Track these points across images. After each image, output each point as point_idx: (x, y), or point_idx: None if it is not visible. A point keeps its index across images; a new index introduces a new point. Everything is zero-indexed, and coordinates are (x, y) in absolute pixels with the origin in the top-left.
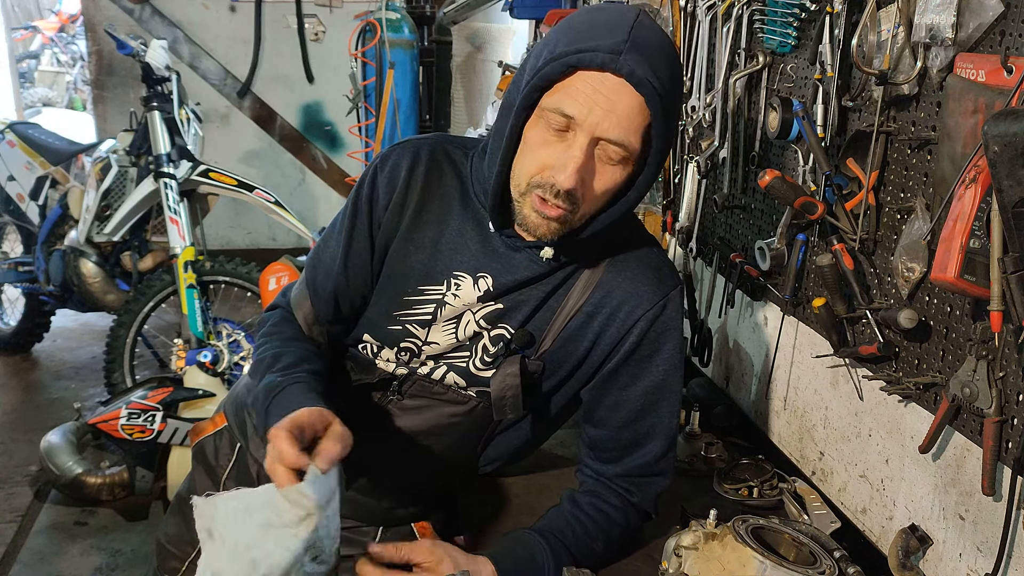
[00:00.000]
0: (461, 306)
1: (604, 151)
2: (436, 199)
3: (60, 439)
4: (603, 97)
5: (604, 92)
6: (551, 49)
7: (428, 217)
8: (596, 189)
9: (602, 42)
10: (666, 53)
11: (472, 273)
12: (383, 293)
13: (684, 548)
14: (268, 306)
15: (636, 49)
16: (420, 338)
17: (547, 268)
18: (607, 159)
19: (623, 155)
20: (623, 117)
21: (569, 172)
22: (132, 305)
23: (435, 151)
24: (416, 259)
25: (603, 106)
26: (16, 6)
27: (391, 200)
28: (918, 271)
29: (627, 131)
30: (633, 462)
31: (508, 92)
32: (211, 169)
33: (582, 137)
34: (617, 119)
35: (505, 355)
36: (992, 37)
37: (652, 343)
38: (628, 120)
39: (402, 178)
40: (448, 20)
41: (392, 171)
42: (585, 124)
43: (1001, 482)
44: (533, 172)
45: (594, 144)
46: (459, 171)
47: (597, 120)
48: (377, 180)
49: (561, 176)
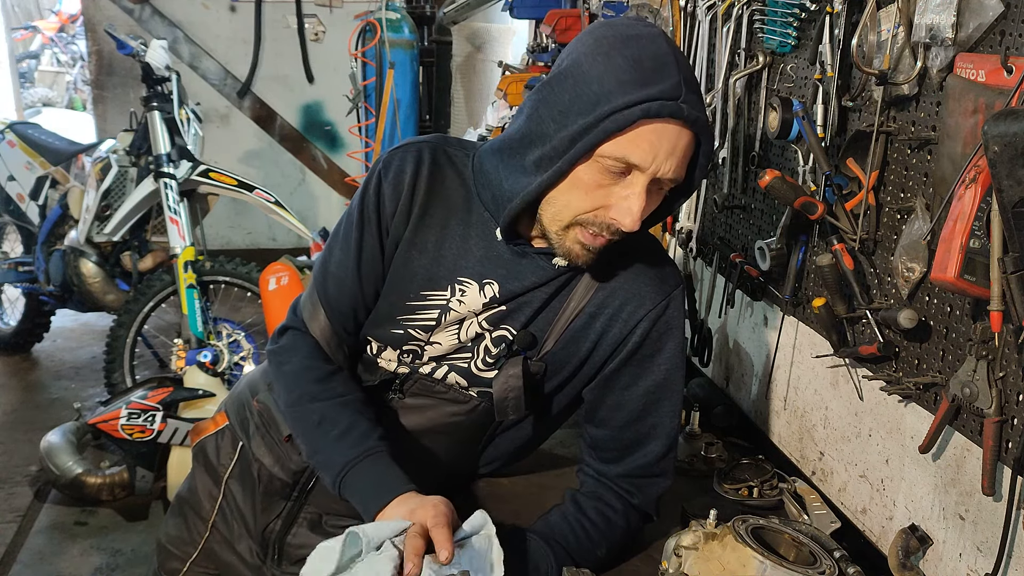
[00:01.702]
0: (466, 312)
1: (657, 184)
2: (439, 202)
3: (60, 439)
4: (667, 143)
5: (667, 137)
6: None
7: (431, 221)
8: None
9: (656, 88)
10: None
11: (478, 279)
12: (386, 296)
13: (684, 548)
14: (278, 328)
15: (691, 89)
16: (423, 340)
17: (554, 273)
18: (657, 191)
19: (672, 186)
20: (681, 158)
21: (635, 217)
22: (132, 305)
23: (436, 153)
24: (419, 263)
25: (666, 151)
26: (16, 6)
27: (398, 206)
28: (918, 271)
29: (682, 168)
30: (634, 462)
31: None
32: (211, 169)
33: (643, 179)
34: (677, 160)
35: (507, 356)
36: (992, 37)
37: (654, 343)
38: (685, 158)
39: (407, 183)
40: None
41: (397, 176)
42: (649, 170)
43: (1001, 482)
44: (585, 211)
45: (651, 183)
46: (461, 173)
47: (659, 165)
48: (383, 186)
49: (627, 220)
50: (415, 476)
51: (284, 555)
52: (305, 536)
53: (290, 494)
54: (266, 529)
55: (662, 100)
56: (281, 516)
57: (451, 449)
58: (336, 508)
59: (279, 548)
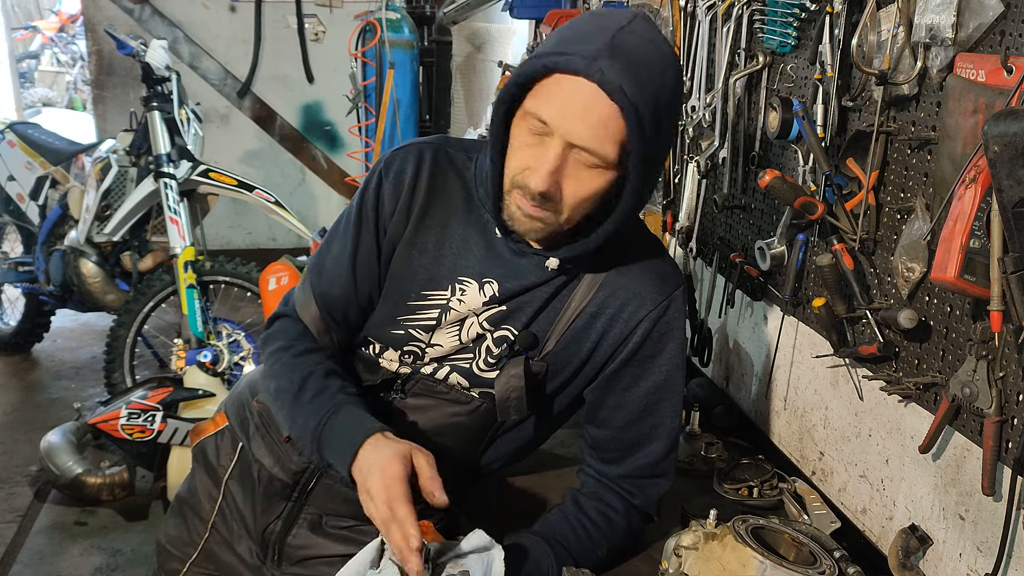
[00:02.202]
0: (466, 311)
1: (579, 156)
2: (439, 203)
3: (60, 439)
4: (577, 103)
5: (578, 98)
6: (537, 50)
7: (431, 221)
8: (575, 192)
9: (583, 47)
10: (653, 61)
11: (478, 279)
12: (387, 297)
13: (684, 548)
14: (271, 316)
15: (614, 55)
16: (424, 341)
17: (552, 273)
18: (583, 164)
19: (597, 162)
20: (595, 125)
21: (541, 175)
22: (132, 305)
23: (438, 154)
24: (420, 264)
25: (576, 112)
26: (16, 6)
27: (397, 206)
28: (918, 271)
29: (600, 140)
30: (635, 463)
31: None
32: (211, 169)
33: (557, 142)
34: (590, 127)
35: (509, 356)
36: (992, 37)
37: (655, 343)
38: (601, 128)
39: (407, 183)
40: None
41: (397, 176)
42: (559, 130)
43: (1001, 482)
44: (516, 171)
45: (569, 149)
46: (462, 174)
47: (570, 126)
48: (383, 186)
49: (534, 180)
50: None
51: (284, 556)
52: (305, 537)
53: (290, 495)
54: (266, 530)
55: (576, 56)
56: (281, 517)
57: (452, 450)
58: (336, 509)
59: (279, 549)
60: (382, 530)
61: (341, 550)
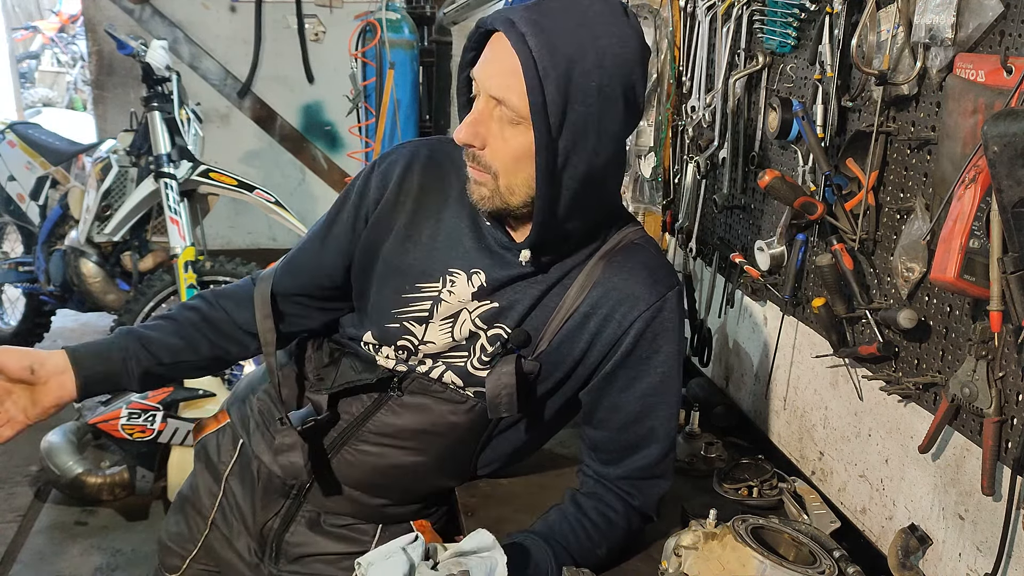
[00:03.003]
0: (457, 303)
1: (501, 112)
2: (433, 196)
3: (60, 439)
4: (494, 55)
5: (495, 50)
6: None
7: (425, 214)
8: (498, 150)
9: (515, 8)
10: (586, 23)
11: (466, 269)
12: (381, 289)
13: (684, 548)
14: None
15: (532, 12)
16: (417, 336)
17: (540, 266)
18: (506, 121)
19: (512, 116)
20: (503, 73)
21: (462, 126)
22: (132, 305)
23: (435, 151)
24: (414, 256)
25: (491, 63)
26: (16, 6)
27: (383, 196)
28: (918, 271)
29: (508, 90)
30: (634, 464)
31: None
32: (211, 169)
33: (481, 96)
34: (498, 74)
35: (502, 355)
36: (992, 37)
37: (649, 345)
38: (507, 78)
39: (396, 176)
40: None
41: (387, 168)
42: (480, 82)
43: (1001, 482)
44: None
45: (491, 103)
46: (460, 169)
47: (485, 77)
48: (372, 176)
49: (458, 132)
50: (414, 476)
51: (282, 553)
52: (303, 535)
53: (289, 492)
54: (264, 527)
55: (501, 13)
56: (280, 514)
57: (450, 449)
58: (335, 507)
59: (277, 546)
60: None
61: (339, 548)
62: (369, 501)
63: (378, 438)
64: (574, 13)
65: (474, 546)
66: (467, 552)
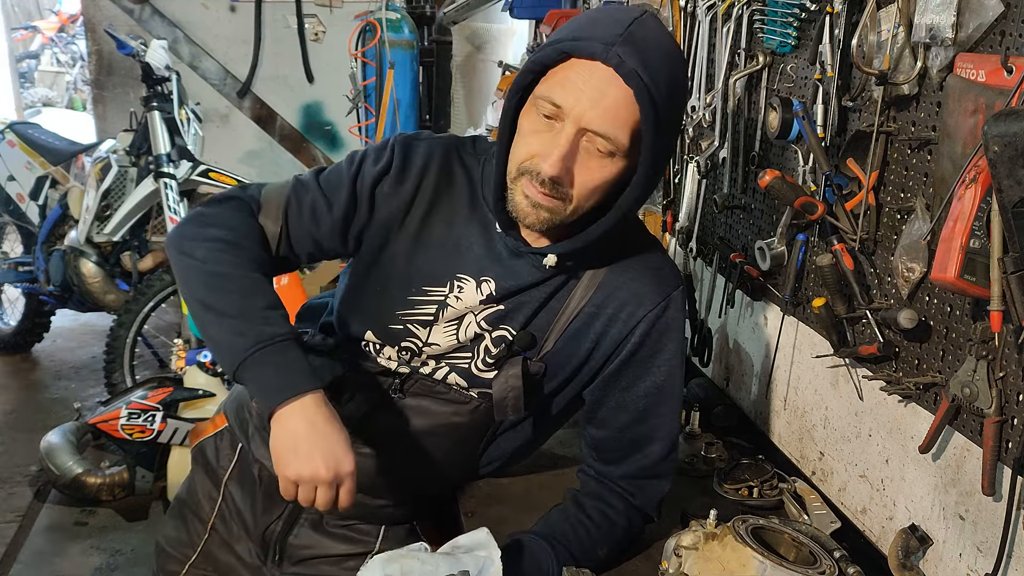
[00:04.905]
0: (463, 308)
1: (592, 142)
2: (445, 201)
3: (60, 439)
4: (592, 87)
5: (593, 82)
6: (550, 38)
7: (437, 219)
8: (585, 182)
9: (599, 33)
10: (666, 54)
11: (475, 276)
12: (386, 290)
13: (684, 548)
14: (217, 196)
15: (630, 43)
16: (421, 339)
17: (548, 273)
18: (595, 151)
19: (610, 148)
20: (609, 109)
21: (553, 159)
22: (132, 305)
23: (449, 153)
24: (423, 259)
25: (590, 96)
26: (16, 6)
27: (398, 190)
28: (918, 271)
29: (613, 124)
30: (635, 464)
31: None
32: (211, 169)
33: (569, 126)
34: (604, 110)
35: (507, 357)
36: (992, 37)
37: (654, 344)
38: (615, 113)
39: (413, 175)
40: (448, 20)
41: (405, 162)
42: (572, 113)
43: (1001, 482)
44: (523, 159)
45: (581, 134)
46: (470, 175)
47: (584, 110)
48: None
49: (546, 164)
50: (416, 476)
51: (285, 555)
52: (308, 536)
53: None
54: (267, 530)
55: (593, 41)
56: (282, 517)
57: (452, 449)
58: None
59: (280, 549)
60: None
61: (343, 549)
62: (371, 502)
63: (380, 440)
64: (658, 43)
65: (469, 542)
66: (462, 548)
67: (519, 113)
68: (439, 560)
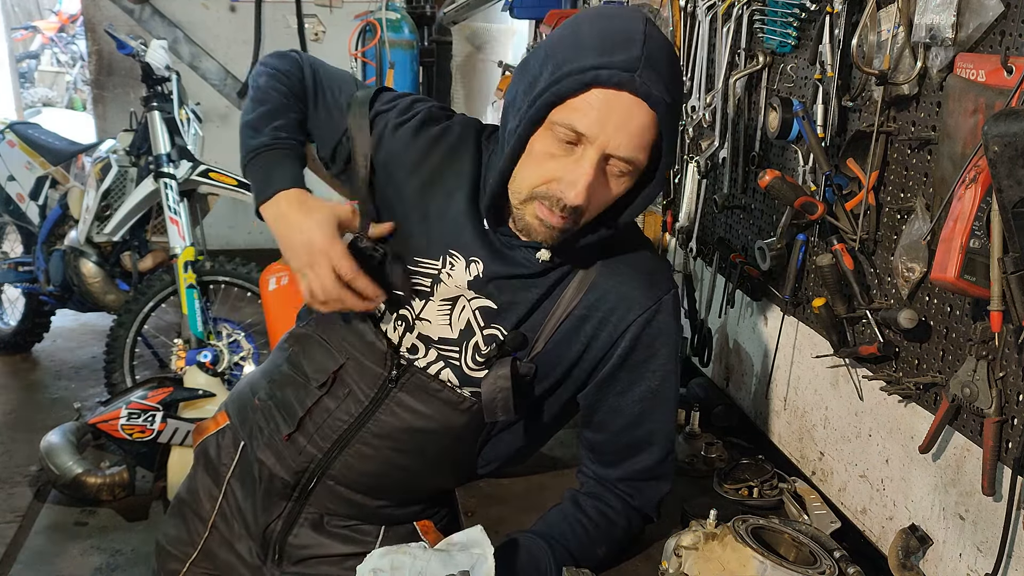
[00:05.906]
0: (454, 288)
1: (613, 166)
2: (452, 174)
3: (60, 439)
4: (616, 115)
5: (618, 110)
6: (560, 61)
7: (439, 190)
8: (600, 202)
9: (617, 58)
10: (674, 64)
11: (466, 256)
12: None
13: (684, 548)
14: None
15: (651, 66)
16: (415, 309)
17: (540, 268)
18: (614, 173)
19: (630, 169)
20: (635, 135)
21: (580, 189)
22: (132, 305)
23: (467, 130)
24: (419, 228)
25: (615, 123)
26: (16, 6)
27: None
28: (918, 271)
29: (637, 148)
30: (633, 466)
31: (511, 94)
32: (211, 169)
33: (592, 153)
34: (629, 136)
35: (497, 356)
36: (992, 37)
37: (646, 348)
38: (639, 137)
39: (428, 136)
40: (448, 20)
41: (427, 120)
42: (597, 141)
43: (1001, 482)
44: (537, 183)
45: (604, 160)
46: (479, 158)
47: (608, 137)
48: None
49: (571, 193)
50: (414, 476)
51: (285, 555)
52: (308, 536)
53: (291, 494)
54: (267, 529)
55: (616, 69)
56: (282, 516)
57: (449, 449)
58: (337, 509)
59: (280, 548)
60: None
61: (343, 549)
62: (371, 503)
63: (378, 440)
64: (669, 58)
65: (464, 540)
66: (456, 545)
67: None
68: (432, 556)
